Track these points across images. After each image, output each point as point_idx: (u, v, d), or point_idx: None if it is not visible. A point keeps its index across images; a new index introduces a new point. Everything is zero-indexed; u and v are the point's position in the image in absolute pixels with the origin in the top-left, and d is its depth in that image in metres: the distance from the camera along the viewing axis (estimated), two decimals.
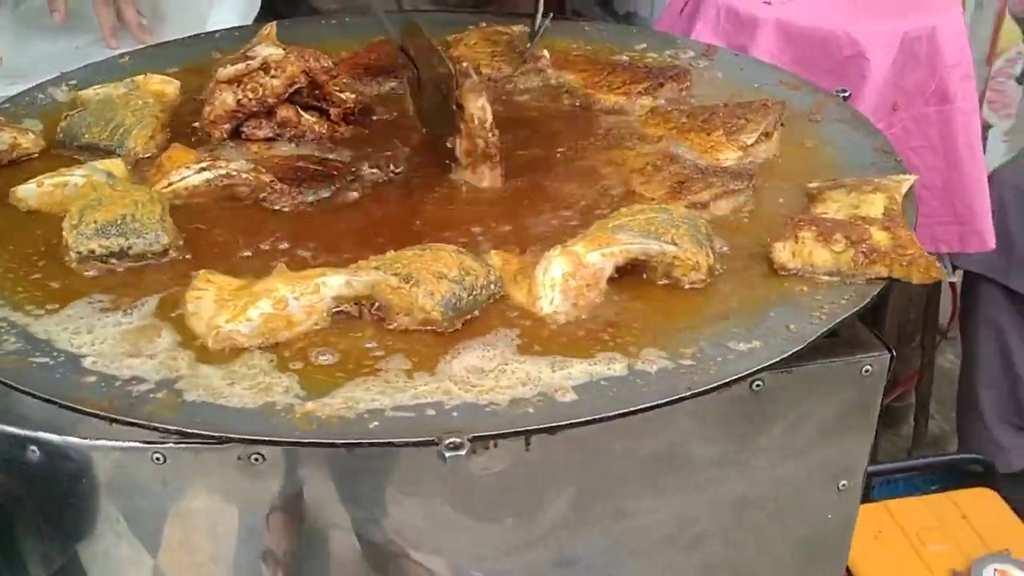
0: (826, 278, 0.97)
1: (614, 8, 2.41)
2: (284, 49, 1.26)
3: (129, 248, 0.99)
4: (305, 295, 0.90)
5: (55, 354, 0.86)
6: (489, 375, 0.84)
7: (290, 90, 1.23)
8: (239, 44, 1.52)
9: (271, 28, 1.36)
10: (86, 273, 0.97)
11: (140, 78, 1.33)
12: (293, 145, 1.23)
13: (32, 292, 0.94)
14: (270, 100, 1.21)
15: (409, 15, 1.27)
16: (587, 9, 2.70)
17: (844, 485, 1.03)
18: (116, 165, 1.14)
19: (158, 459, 0.86)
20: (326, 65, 1.24)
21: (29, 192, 1.09)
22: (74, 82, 1.39)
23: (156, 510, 0.90)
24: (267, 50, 1.26)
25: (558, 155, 1.23)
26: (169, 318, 0.91)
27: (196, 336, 0.88)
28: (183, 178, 1.12)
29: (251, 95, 1.20)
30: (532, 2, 1.99)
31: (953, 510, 1.85)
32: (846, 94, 1.40)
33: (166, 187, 1.10)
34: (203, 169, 1.13)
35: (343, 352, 0.87)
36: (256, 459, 0.84)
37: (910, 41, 1.74)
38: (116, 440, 0.86)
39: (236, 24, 1.67)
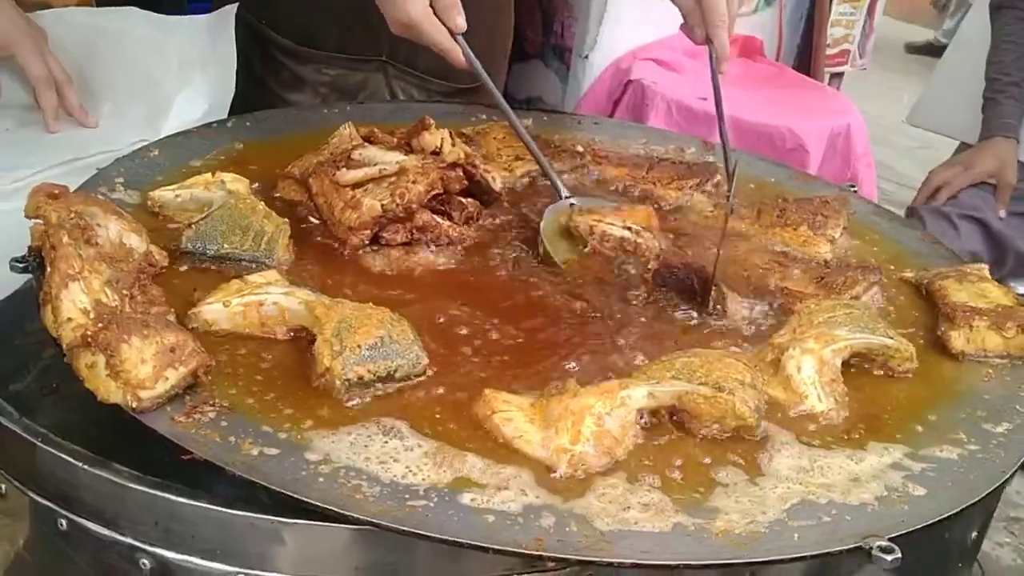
0: (997, 360, 1.12)
1: (510, 92, 2.49)
2: (406, 155, 1.24)
3: (395, 371, 0.94)
4: (615, 410, 0.91)
5: (425, 492, 0.81)
6: (811, 473, 0.90)
7: (429, 196, 1.21)
8: (257, 135, 1.47)
9: (351, 128, 1.32)
10: (349, 403, 0.92)
11: (226, 177, 1.24)
12: (431, 251, 1.21)
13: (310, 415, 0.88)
14: (413, 206, 1.19)
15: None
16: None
17: None
18: (275, 276, 1.07)
19: None
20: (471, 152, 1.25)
21: (218, 314, 0.99)
22: (121, 180, 1.26)
23: None
24: (390, 155, 1.24)
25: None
26: (463, 448, 0.88)
27: (527, 458, 0.87)
28: None
29: (399, 201, 1.17)
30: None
31: None
32: (854, 188, 1.60)
33: None
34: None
35: (669, 466, 0.89)
36: None
37: (834, 136, 2.00)
38: None
39: (204, 107, 1.58)
